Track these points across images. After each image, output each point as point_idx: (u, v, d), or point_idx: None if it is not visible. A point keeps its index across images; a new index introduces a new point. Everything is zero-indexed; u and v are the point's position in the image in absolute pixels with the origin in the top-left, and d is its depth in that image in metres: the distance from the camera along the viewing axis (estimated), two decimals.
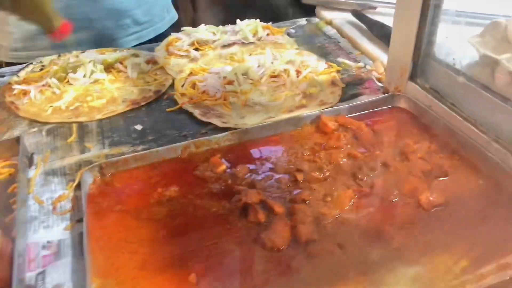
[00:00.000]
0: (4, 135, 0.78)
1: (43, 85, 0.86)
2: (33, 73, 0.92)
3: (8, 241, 0.55)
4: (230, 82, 0.85)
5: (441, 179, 0.65)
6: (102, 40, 1.11)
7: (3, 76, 0.96)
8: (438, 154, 0.68)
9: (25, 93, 0.85)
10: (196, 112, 0.80)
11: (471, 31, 0.77)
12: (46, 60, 0.97)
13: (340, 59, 0.96)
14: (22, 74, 0.92)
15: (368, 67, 0.93)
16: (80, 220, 0.62)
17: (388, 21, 1.03)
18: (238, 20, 1.05)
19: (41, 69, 0.94)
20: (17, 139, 0.71)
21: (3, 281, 0.52)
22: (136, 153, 0.70)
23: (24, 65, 0.97)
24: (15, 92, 0.86)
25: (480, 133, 0.67)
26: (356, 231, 0.58)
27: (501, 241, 0.56)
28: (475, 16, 0.83)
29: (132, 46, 1.13)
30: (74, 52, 1.00)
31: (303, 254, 0.56)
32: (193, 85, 0.87)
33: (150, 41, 1.22)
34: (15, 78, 0.91)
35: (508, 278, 0.51)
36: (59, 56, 0.99)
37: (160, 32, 1.26)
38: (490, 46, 0.72)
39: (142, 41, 1.19)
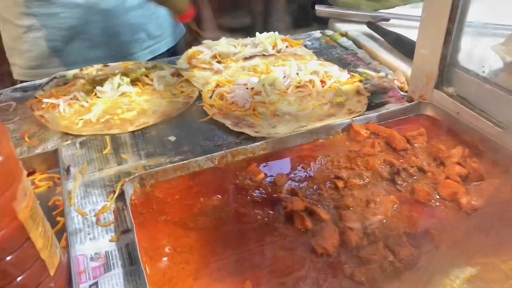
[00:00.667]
0: (37, 148, 0.77)
1: (71, 99, 0.87)
2: (58, 87, 0.92)
3: (65, 253, 0.55)
4: (257, 93, 0.86)
5: (478, 183, 0.67)
6: (119, 55, 1.12)
7: (25, 91, 0.96)
8: (472, 159, 0.70)
9: (53, 106, 0.85)
10: (228, 123, 0.80)
11: (494, 40, 0.80)
12: (68, 74, 0.97)
13: (361, 69, 0.98)
14: (47, 88, 0.92)
15: (389, 76, 0.95)
16: (125, 231, 0.62)
17: (402, 32, 1.07)
18: (257, 33, 1.07)
19: (65, 83, 0.94)
20: (55, 152, 0.71)
21: None
22: (175, 164, 0.70)
23: (47, 79, 0.97)
24: (43, 106, 0.86)
25: (510, 137, 0.69)
26: (404, 236, 0.59)
27: None
28: (497, 27, 0.86)
29: (147, 60, 1.15)
30: (96, 66, 1.00)
31: (355, 259, 0.57)
32: (221, 97, 0.88)
33: (161, 55, 1.24)
34: (40, 92, 0.91)
35: None
36: (81, 70, 0.99)
37: (171, 45, 1.28)
38: None
39: (155, 54, 1.21)
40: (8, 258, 0.41)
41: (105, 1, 1.07)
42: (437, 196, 0.65)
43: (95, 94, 0.88)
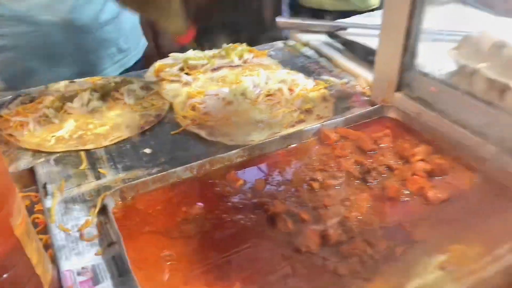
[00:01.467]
0: (9, 167, 0.76)
1: (40, 116, 0.86)
2: (24, 105, 0.91)
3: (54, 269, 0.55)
4: (229, 103, 0.89)
5: (442, 177, 0.72)
6: (91, 70, 1.12)
7: None
8: (435, 156, 0.75)
9: (21, 124, 0.84)
10: (203, 133, 0.82)
11: (448, 45, 0.87)
12: (34, 91, 0.96)
13: (325, 77, 1.03)
14: (12, 106, 0.91)
15: (351, 82, 1.00)
16: (110, 244, 0.63)
17: (359, 40, 1.13)
18: (224, 45, 1.09)
19: (31, 101, 0.93)
20: (30, 170, 0.71)
21: None
22: (154, 176, 0.71)
23: (10, 97, 0.95)
24: (11, 124, 0.84)
25: (468, 134, 0.75)
26: (379, 230, 0.63)
27: (502, 227, 0.63)
28: (450, 33, 0.93)
29: (118, 74, 1.15)
30: (62, 83, 0.99)
31: (336, 254, 0.60)
32: (193, 108, 0.89)
33: (129, 68, 1.25)
34: (6, 111, 0.89)
35: None
36: (47, 87, 0.98)
37: (138, 58, 1.29)
38: (467, 57, 0.81)
39: (125, 68, 1.22)
40: (5, 275, 0.41)
41: (80, 18, 1.07)
42: (406, 192, 0.70)
43: (65, 110, 0.88)
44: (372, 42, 0.97)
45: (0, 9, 1.01)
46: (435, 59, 0.85)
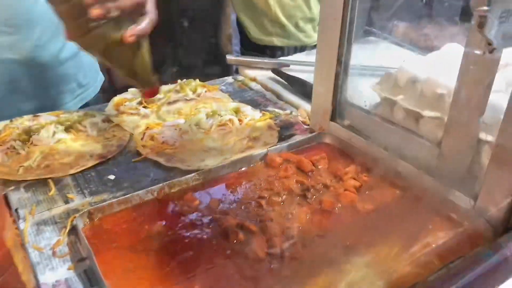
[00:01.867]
0: None
1: (8, 148, 0.92)
2: None
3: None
4: (185, 132, 0.99)
5: (369, 192, 0.85)
6: (52, 105, 1.18)
7: None
8: (363, 174, 0.88)
9: None
10: (161, 160, 0.92)
11: (372, 80, 1.02)
12: None
13: (270, 108, 1.16)
14: None
15: (294, 113, 1.13)
16: (80, 260, 0.70)
17: (300, 76, 1.27)
18: (178, 80, 1.20)
19: None
20: (4, 197, 0.77)
21: None
22: (118, 198, 0.79)
23: None
24: None
25: (391, 155, 0.89)
26: (316, 237, 0.75)
27: (416, 230, 0.76)
28: (373, 69, 1.09)
29: (79, 108, 1.22)
30: (26, 117, 1.06)
31: (280, 259, 0.70)
32: (152, 138, 0.99)
33: (87, 103, 1.32)
34: None
35: (430, 250, 0.70)
36: (11, 121, 1.04)
37: (96, 92, 1.36)
38: (388, 91, 0.96)
39: (84, 102, 1.29)
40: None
41: (41, 56, 1.13)
42: (339, 205, 0.82)
43: (32, 142, 0.94)
44: (310, 77, 1.11)
45: None
46: (362, 92, 1.00)
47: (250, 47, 1.94)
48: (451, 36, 1.05)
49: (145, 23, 0.77)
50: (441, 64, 0.90)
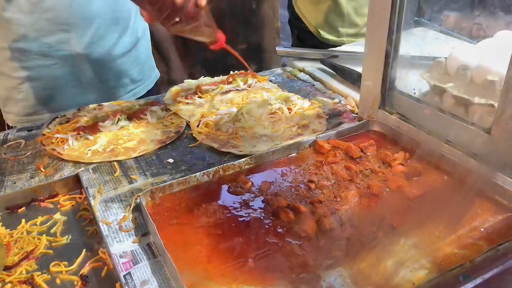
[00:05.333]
0: (54, 176, 0.91)
1: (77, 133, 1.01)
2: (62, 125, 1.06)
3: None
4: (237, 120, 1.04)
5: (416, 178, 0.87)
6: (105, 99, 1.27)
7: (30, 130, 1.09)
8: (411, 160, 0.90)
9: (62, 141, 0.99)
10: (216, 145, 0.97)
11: (421, 69, 1.02)
12: (68, 113, 1.12)
13: (319, 97, 1.19)
14: (52, 126, 1.06)
15: (342, 102, 1.16)
16: (144, 234, 0.77)
17: (348, 65, 1.29)
18: (231, 72, 1.26)
19: (66, 122, 1.08)
20: (76, 176, 0.85)
21: None
22: (177, 179, 0.85)
23: (49, 118, 1.10)
24: (53, 141, 0.99)
25: (439, 141, 0.90)
26: (364, 219, 0.77)
27: (464, 214, 0.77)
28: (422, 58, 1.09)
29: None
30: (91, 106, 1.15)
31: (329, 238, 0.74)
32: (207, 125, 1.04)
33: (141, 97, 1.39)
34: (47, 130, 1.04)
35: (478, 233, 0.72)
36: (79, 109, 1.13)
37: (150, 88, 1.43)
38: (437, 78, 0.97)
39: (137, 97, 1.36)
40: None
41: (95, 52, 1.22)
42: (387, 189, 0.84)
43: (98, 128, 1.03)
44: (358, 67, 1.13)
45: (28, 44, 1.15)
46: (411, 80, 1.01)
47: (308, 42, 1.85)
48: (505, 24, 1.04)
49: None
50: (492, 52, 0.90)
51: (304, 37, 1.84)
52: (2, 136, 1.07)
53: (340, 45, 1.73)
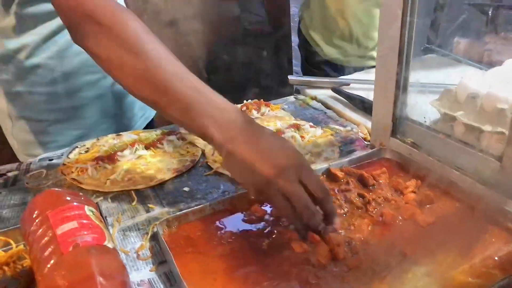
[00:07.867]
0: None
1: (96, 163, 1.04)
2: (81, 155, 1.09)
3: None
4: None
5: (429, 206, 0.87)
6: (127, 126, 1.31)
7: (51, 160, 1.13)
8: (423, 188, 0.91)
9: (82, 170, 1.02)
10: (230, 174, 0.99)
11: (431, 97, 1.04)
12: (87, 143, 1.15)
13: (331, 125, 1.21)
14: (72, 156, 1.10)
15: (354, 130, 1.18)
16: (161, 263, 0.79)
17: (360, 93, 1.31)
18: (244, 101, 1.29)
19: (86, 151, 1.12)
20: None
21: None
22: (193, 208, 0.87)
23: (69, 148, 1.14)
24: (73, 170, 1.03)
25: (450, 169, 0.91)
26: (377, 248, 0.78)
27: (477, 242, 0.78)
28: (432, 86, 1.11)
29: (145, 125, 1.36)
30: (110, 136, 1.19)
31: (343, 267, 0.75)
32: None
33: (152, 120, 1.45)
34: (67, 160, 1.08)
35: (492, 262, 0.72)
36: (98, 139, 1.17)
37: None
38: (447, 106, 0.99)
39: (148, 120, 1.41)
40: None
41: (118, 88, 1.26)
42: (400, 218, 0.85)
43: (117, 158, 1.06)
44: (370, 95, 1.15)
45: (55, 88, 1.19)
46: (422, 108, 1.02)
47: (316, 65, 1.94)
48: None
49: None
50: (501, 79, 0.92)
51: (312, 59, 1.92)
52: (25, 166, 1.11)
53: (348, 66, 1.80)
